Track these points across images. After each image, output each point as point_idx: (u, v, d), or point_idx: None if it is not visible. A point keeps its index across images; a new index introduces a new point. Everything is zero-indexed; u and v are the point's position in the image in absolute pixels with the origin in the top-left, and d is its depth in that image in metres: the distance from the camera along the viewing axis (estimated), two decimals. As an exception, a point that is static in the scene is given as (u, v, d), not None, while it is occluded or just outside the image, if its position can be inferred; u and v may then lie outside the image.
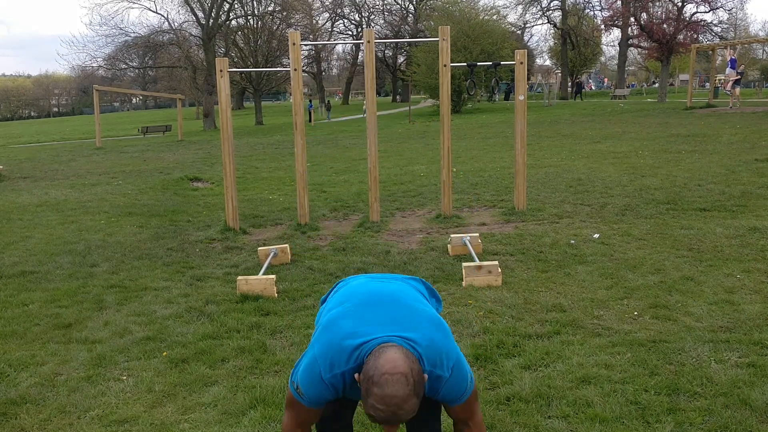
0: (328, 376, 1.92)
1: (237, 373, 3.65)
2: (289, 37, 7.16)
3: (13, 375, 3.72)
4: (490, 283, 5.01)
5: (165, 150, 19.89)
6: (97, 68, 37.18)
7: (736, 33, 48.69)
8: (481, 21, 33.81)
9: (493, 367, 3.56)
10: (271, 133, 26.30)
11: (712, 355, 3.57)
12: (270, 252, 5.95)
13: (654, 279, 4.98)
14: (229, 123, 7.26)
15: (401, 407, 1.74)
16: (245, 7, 35.80)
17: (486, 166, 12.09)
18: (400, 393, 1.73)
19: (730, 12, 38.62)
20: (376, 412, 1.76)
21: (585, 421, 2.96)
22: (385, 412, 1.75)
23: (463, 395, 2.00)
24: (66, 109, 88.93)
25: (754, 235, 6.10)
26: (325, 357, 1.93)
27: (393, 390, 1.74)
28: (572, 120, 22.45)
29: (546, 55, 62.43)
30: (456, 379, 1.96)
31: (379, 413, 1.76)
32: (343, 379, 1.93)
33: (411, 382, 1.76)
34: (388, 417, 1.76)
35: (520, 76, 7.64)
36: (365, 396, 1.79)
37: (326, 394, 1.97)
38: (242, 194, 9.84)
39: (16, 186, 12.41)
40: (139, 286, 5.42)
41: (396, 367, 1.76)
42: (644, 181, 9.34)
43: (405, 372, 1.76)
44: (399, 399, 1.73)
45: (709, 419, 2.93)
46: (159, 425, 3.12)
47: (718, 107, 22.92)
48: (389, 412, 1.75)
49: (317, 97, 54.73)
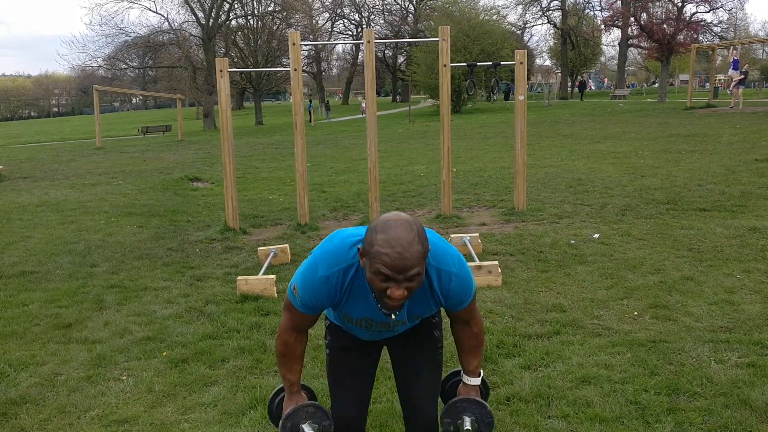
0: (326, 273, 1.86)
1: (237, 373, 3.65)
2: (289, 37, 7.16)
3: (13, 375, 3.72)
4: (490, 283, 5.01)
5: (165, 150, 19.89)
6: (97, 68, 37.17)
7: (736, 33, 48.69)
8: (481, 21, 33.80)
9: (493, 367, 3.56)
10: (271, 133, 26.30)
11: (712, 355, 3.57)
12: (270, 252, 5.95)
13: (654, 279, 4.98)
14: (229, 123, 7.25)
15: (407, 250, 1.68)
16: (245, 7, 35.79)
17: (486, 166, 12.09)
18: (404, 235, 1.69)
19: (730, 12, 38.63)
20: (381, 260, 1.69)
21: (585, 421, 2.96)
22: (391, 256, 1.68)
23: (469, 295, 1.99)
24: (66, 109, 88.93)
25: (754, 235, 6.10)
26: (324, 255, 1.89)
27: (397, 232, 1.70)
28: (572, 120, 22.45)
29: (546, 55, 62.43)
30: (464, 277, 1.94)
31: (384, 258, 1.68)
32: (342, 277, 1.87)
33: (415, 229, 1.72)
34: (394, 261, 1.68)
35: (520, 76, 7.64)
36: (369, 251, 1.72)
37: (322, 296, 1.89)
38: (242, 194, 9.83)
39: (16, 186, 12.41)
40: (139, 286, 5.42)
41: (399, 216, 1.75)
42: (644, 181, 9.34)
43: (409, 220, 1.75)
44: (404, 240, 1.69)
45: (709, 419, 2.93)
46: (159, 425, 3.12)
47: (718, 107, 22.91)
48: (395, 255, 1.68)
49: (317, 97, 54.72)
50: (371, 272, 1.73)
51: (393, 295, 1.72)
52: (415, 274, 1.72)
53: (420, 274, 1.73)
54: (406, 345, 2.17)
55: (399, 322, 2.01)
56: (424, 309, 1.99)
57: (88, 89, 45.47)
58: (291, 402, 2.09)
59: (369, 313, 1.95)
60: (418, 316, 2.03)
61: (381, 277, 1.72)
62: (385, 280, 1.72)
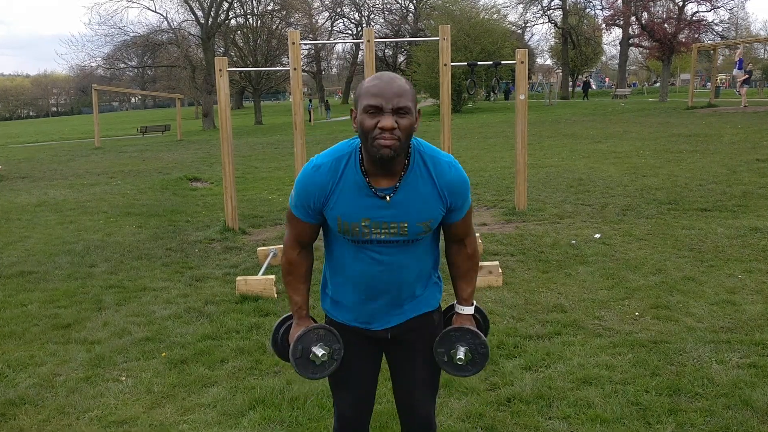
0: (319, 162, 1.86)
1: (236, 373, 3.64)
2: (289, 36, 7.14)
3: (11, 375, 3.71)
4: (490, 283, 5.00)
5: (164, 150, 19.88)
6: (96, 68, 37.20)
7: (737, 32, 48.69)
8: (481, 20, 33.79)
9: (494, 368, 3.55)
10: (271, 132, 26.29)
11: (713, 356, 3.56)
12: (269, 252, 5.94)
13: (655, 279, 4.97)
14: (228, 123, 7.24)
15: (393, 80, 1.74)
16: (244, 6, 35.80)
17: (486, 165, 12.08)
18: (390, 74, 1.77)
19: (731, 11, 38.64)
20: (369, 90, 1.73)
21: (586, 422, 2.95)
22: (378, 85, 1.72)
23: (468, 193, 1.94)
24: (65, 109, 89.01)
25: (756, 236, 6.08)
26: (324, 151, 1.91)
27: (384, 73, 1.79)
28: (573, 120, 22.44)
29: (547, 55, 62.42)
30: (460, 169, 1.91)
31: (371, 89, 1.73)
32: (335, 165, 1.85)
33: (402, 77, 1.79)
34: (381, 88, 1.72)
35: (521, 75, 7.63)
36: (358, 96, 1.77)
37: (314, 186, 1.85)
38: (241, 194, 9.82)
39: (14, 186, 12.39)
40: (138, 286, 5.41)
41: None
42: (645, 181, 9.33)
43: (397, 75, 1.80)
44: (390, 74, 1.76)
45: (710, 420, 2.92)
46: (158, 426, 3.11)
47: (719, 107, 22.91)
48: (382, 83, 1.73)
49: (317, 97, 54.72)
50: (361, 112, 1.74)
51: (384, 124, 1.71)
52: (404, 107, 1.72)
53: (409, 113, 1.74)
54: (406, 350, 2.08)
55: (402, 226, 1.87)
56: (426, 205, 1.87)
57: (87, 89, 45.51)
58: (299, 327, 2.03)
59: (365, 211, 1.85)
60: (420, 222, 1.89)
61: (370, 111, 1.72)
62: (374, 114, 1.72)
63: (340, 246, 1.98)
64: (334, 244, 2.01)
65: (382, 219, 1.86)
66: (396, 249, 1.92)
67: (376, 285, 1.96)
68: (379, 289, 1.97)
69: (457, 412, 3.11)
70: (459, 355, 1.99)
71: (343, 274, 2.00)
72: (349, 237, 1.91)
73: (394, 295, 1.99)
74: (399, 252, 1.93)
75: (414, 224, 1.88)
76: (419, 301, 2.05)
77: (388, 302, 2.00)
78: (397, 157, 1.78)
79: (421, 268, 2.01)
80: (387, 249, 1.92)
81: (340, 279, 2.02)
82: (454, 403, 3.20)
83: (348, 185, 1.85)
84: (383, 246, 1.91)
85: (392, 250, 1.92)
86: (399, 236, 1.89)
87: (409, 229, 1.88)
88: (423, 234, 1.92)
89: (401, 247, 1.92)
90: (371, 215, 1.85)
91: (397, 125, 1.72)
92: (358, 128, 1.77)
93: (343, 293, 2.03)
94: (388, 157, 1.75)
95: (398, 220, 1.86)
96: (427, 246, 2.01)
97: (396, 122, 1.72)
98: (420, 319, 2.06)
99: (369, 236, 1.89)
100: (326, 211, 1.90)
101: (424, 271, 2.03)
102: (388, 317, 2.03)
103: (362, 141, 1.79)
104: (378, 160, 1.77)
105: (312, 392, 3.34)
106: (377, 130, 1.72)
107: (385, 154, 1.74)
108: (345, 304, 2.04)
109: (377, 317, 2.02)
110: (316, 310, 2.20)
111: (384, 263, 1.93)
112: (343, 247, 1.96)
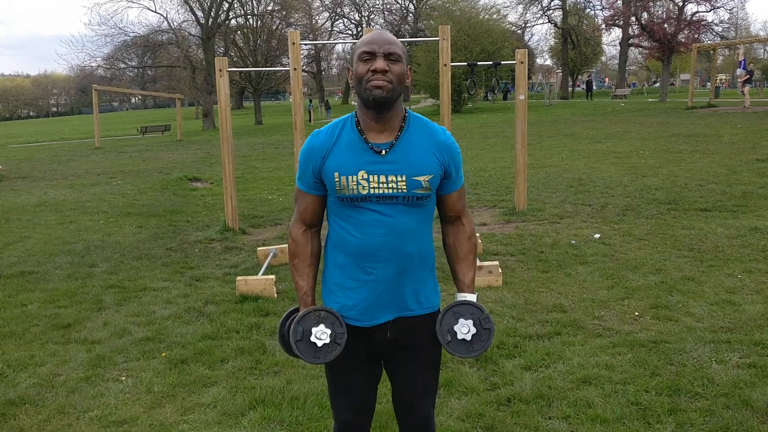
0: (319, 130, 1.98)
1: (236, 373, 3.64)
2: (289, 36, 7.14)
3: (11, 375, 3.71)
4: (490, 283, 5.00)
5: (164, 150, 19.88)
6: (96, 68, 37.16)
7: (737, 33, 48.69)
8: (481, 20, 33.79)
9: (494, 368, 3.55)
10: (271, 132, 26.29)
11: (713, 356, 3.56)
12: (269, 252, 5.94)
13: (655, 279, 4.97)
14: (228, 123, 7.24)
15: (386, 33, 1.89)
16: (245, 6, 35.79)
17: (486, 165, 12.08)
18: (384, 31, 2.00)
19: (731, 11, 38.62)
20: (363, 40, 1.87)
21: (586, 422, 2.95)
22: (372, 35, 1.86)
23: (460, 161, 2.03)
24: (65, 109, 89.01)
25: (755, 236, 6.09)
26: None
27: (378, 30, 1.98)
28: (573, 120, 22.44)
29: (546, 55, 62.40)
30: (454, 141, 2.01)
31: (365, 38, 1.87)
32: (333, 127, 1.96)
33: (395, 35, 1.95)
34: (373, 36, 1.86)
35: (521, 75, 7.63)
36: (354, 51, 1.90)
37: (314, 149, 1.94)
38: (241, 194, 9.82)
39: (14, 186, 12.39)
40: (138, 286, 5.41)
41: None
42: (645, 181, 9.33)
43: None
44: (384, 30, 2.01)
45: (710, 420, 2.92)
46: (158, 426, 3.11)
47: (719, 107, 22.90)
48: (375, 33, 1.88)
49: (317, 97, 54.71)
50: (357, 60, 1.86)
51: (376, 66, 1.82)
52: (395, 53, 1.84)
53: (400, 60, 1.85)
54: (406, 356, 2.04)
55: (399, 181, 1.88)
56: (422, 160, 1.91)
57: (87, 89, 45.50)
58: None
59: (362, 165, 1.88)
60: (418, 176, 1.89)
61: (364, 58, 1.84)
62: (368, 60, 1.84)
63: (341, 220, 1.95)
64: (336, 222, 1.98)
65: (379, 172, 1.89)
66: (396, 210, 1.91)
67: (378, 254, 1.92)
68: (382, 259, 1.92)
69: (457, 412, 3.11)
70: (463, 330, 1.94)
71: (345, 250, 1.95)
72: (347, 195, 1.90)
73: (396, 269, 1.93)
74: (400, 213, 1.91)
75: (411, 178, 1.89)
76: (419, 294, 2.00)
77: (391, 280, 1.94)
78: (389, 102, 1.86)
79: (421, 246, 1.98)
80: (387, 208, 1.90)
81: (341, 258, 1.97)
82: (454, 403, 3.20)
83: (344, 143, 1.93)
84: (383, 204, 1.90)
85: (392, 210, 1.90)
86: (398, 192, 1.89)
87: (407, 184, 1.89)
88: (422, 194, 1.91)
89: (402, 209, 1.91)
90: (368, 169, 1.89)
91: (389, 69, 1.83)
92: (354, 77, 1.88)
93: (345, 275, 1.97)
94: (380, 98, 1.83)
95: (396, 173, 1.89)
96: (426, 222, 1.99)
97: (388, 66, 1.83)
98: (420, 320, 2.02)
99: (368, 190, 1.88)
100: (324, 172, 1.93)
101: (424, 253, 2.00)
102: (390, 307, 1.97)
103: (357, 89, 1.88)
104: (371, 102, 1.84)
105: (312, 392, 3.34)
106: (370, 73, 1.83)
107: (377, 95, 1.82)
108: (348, 286, 1.97)
109: (379, 304, 1.96)
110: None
111: (385, 224, 1.90)
112: (344, 220, 1.95)
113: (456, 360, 3.66)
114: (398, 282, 1.96)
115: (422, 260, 2.00)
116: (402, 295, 1.98)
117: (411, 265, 1.97)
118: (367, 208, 1.90)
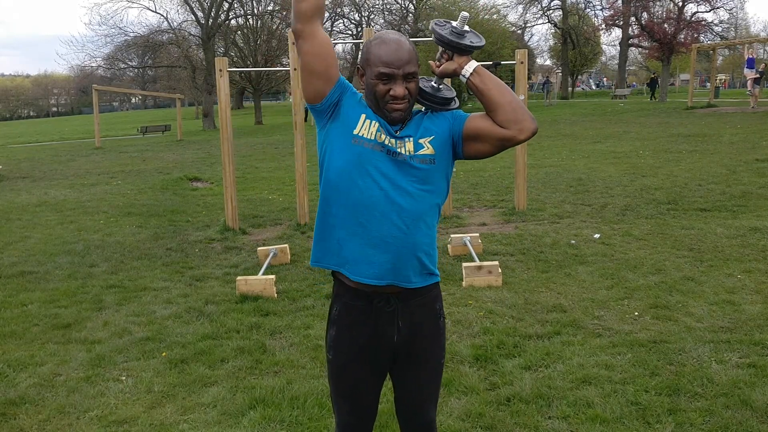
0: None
1: (236, 373, 3.64)
2: (289, 36, 7.15)
3: (12, 375, 3.72)
4: (490, 283, 5.00)
5: (164, 150, 19.87)
6: (97, 68, 37.14)
7: (736, 33, 48.68)
8: (481, 20, 33.75)
9: (494, 368, 3.55)
10: (271, 132, 26.28)
11: (712, 356, 3.57)
12: (270, 252, 5.94)
13: (654, 279, 4.97)
14: (228, 123, 7.24)
15: (400, 44, 1.91)
16: (245, 6, 35.76)
17: (486, 165, 12.08)
18: (395, 36, 1.95)
19: (730, 12, 38.58)
20: (380, 58, 1.88)
21: (585, 422, 2.96)
22: (389, 51, 1.88)
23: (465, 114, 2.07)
24: (65, 109, 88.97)
25: (755, 235, 6.09)
26: None
27: (389, 35, 1.96)
28: (572, 120, 22.44)
29: (546, 55, 62.37)
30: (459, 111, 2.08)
31: (384, 56, 1.88)
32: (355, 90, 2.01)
33: (404, 34, 1.96)
34: (392, 54, 1.88)
35: (521, 75, 7.64)
36: (367, 58, 1.93)
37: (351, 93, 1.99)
38: (242, 194, 9.82)
39: (15, 186, 12.39)
40: (138, 286, 5.42)
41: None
42: (645, 181, 9.34)
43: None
44: (396, 36, 1.95)
45: (710, 420, 2.92)
46: (158, 426, 3.11)
47: (719, 107, 22.90)
48: (393, 44, 1.90)
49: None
50: (374, 77, 1.90)
51: (396, 93, 1.88)
52: (412, 72, 1.90)
53: (415, 78, 1.92)
54: (412, 363, 2.04)
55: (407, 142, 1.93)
56: (430, 122, 2.00)
57: (88, 89, 45.46)
58: None
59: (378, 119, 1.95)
60: (423, 138, 1.95)
61: (383, 79, 1.89)
62: (387, 82, 1.89)
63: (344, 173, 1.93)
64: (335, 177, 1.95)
65: (389, 134, 1.95)
66: (400, 171, 1.90)
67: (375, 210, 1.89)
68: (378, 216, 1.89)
69: (457, 411, 3.11)
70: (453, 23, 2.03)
71: (345, 204, 1.92)
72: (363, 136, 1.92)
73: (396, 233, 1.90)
74: (403, 176, 1.90)
75: (417, 141, 1.95)
76: (422, 265, 1.95)
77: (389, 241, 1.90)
78: (406, 117, 1.97)
79: (422, 212, 1.93)
80: (391, 165, 1.90)
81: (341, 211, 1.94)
82: (454, 402, 3.20)
83: (359, 102, 2.01)
84: (389, 160, 1.91)
85: (395, 168, 1.90)
86: (405, 151, 1.94)
87: (414, 146, 1.95)
88: (426, 156, 1.93)
89: (405, 170, 1.91)
90: (381, 123, 1.95)
91: (407, 90, 1.91)
92: (370, 91, 1.93)
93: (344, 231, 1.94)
94: (400, 118, 1.94)
95: (403, 137, 1.96)
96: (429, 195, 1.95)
97: (406, 88, 1.91)
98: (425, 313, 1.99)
99: (385, 148, 1.93)
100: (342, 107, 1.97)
101: (426, 222, 1.95)
102: (396, 270, 1.91)
103: (373, 100, 1.95)
104: (390, 120, 1.95)
105: (312, 392, 3.35)
106: (389, 96, 1.91)
107: (396, 117, 1.93)
108: (349, 246, 1.93)
109: (382, 263, 1.91)
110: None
111: (384, 189, 1.89)
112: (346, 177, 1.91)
113: (456, 360, 3.66)
114: (402, 242, 1.91)
115: (425, 227, 1.96)
116: (404, 265, 1.93)
117: (413, 223, 1.93)
118: (373, 162, 1.90)
